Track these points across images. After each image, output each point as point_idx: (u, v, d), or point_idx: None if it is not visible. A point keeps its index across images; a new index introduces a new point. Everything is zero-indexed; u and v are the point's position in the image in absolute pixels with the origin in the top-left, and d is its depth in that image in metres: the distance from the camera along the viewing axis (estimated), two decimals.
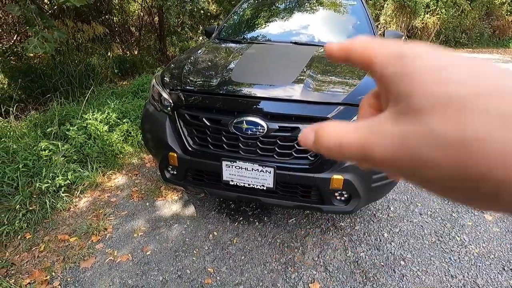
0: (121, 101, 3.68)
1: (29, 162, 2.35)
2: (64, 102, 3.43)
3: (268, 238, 2.00)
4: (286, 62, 2.09)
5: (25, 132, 2.73)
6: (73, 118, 3.01)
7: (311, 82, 1.71)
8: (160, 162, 1.91)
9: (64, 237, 1.97)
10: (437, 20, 11.59)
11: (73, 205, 2.27)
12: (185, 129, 1.78)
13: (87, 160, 2.64)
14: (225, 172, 1.70)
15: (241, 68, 1.94)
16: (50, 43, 3.04)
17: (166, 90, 1.88)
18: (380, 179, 1.66)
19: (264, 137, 1.60)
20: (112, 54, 6.22)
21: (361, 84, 1.71)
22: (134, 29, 7.84)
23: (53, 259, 1.80)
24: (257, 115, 1.58)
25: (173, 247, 1.91)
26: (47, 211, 2.13)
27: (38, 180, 2.25)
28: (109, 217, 2.17)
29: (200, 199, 2.37)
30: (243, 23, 3.00)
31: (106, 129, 2.98)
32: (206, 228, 2.08)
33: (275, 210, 2.25)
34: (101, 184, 2.52)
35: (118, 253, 1.86)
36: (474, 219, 2.21)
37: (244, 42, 2.59)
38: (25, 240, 1.92)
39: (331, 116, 1.55)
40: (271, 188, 1.67)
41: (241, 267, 1.79)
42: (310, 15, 2.93)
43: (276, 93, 1.68)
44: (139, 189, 2.50)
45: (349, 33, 2.68)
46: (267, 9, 3.10)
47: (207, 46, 2.53)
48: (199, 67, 2.09)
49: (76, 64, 4.41)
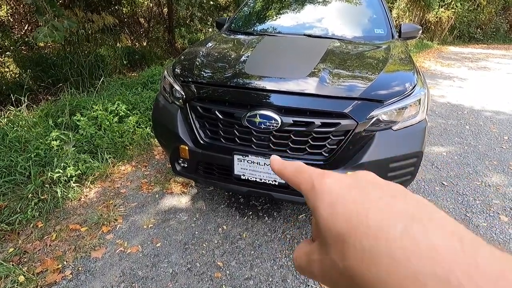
0: (131, 92, 3.68)
1: (41, 152, 2.37)
2: (75, 92, 3.44)
3: (277, 233, 1.99)
4: (301, 55, 2.04)
5: (36, 122, 2.75)
6: (84, 108, 3.02)
7: (326, 75, 1.67)
8: (171, 155, 1.90)
9: (75, 226, 1.98)
10: (451, 14, 11.28)
11: (84, 195, 2.29)
12: (197, 121, 1.76)
13: (97, 150, 2.65)
14: (237, 166, 1.68)
15: (255, 60, 1.90)
16: (60, 32, 3.04)
17: (177, 82, 1.86)
18: (395, 177, 1.62)
19: (278, 131, 1.57)
20: (121, 45, 6.21)
21: (379, 78, 1.66)
22: (143, 20, 7.81)
23: (64, 248, 1.82)
24: (271, 109, 1.55)
25: (183, 240, 1.91)
26: (58, 200, 2.14)
27: (50, 170, 2.27)
28: (119, 208, 2.18)
29: (209, 192, 2.36)
30: (255, 15, 2.95)
31: (116, 120, 2.98)
32: (216, 221, 2.07)
33: (284, 205, 2.23)
34: (111, 175, 2.53)
35: (128, 244, 1.87)
36: (489, 220, 2.15)
37: (256, 34, 2.54)
38: (37, 229, 1.94)
39: (347, 111, 1.51)
40: (282, 184, 1.65)
41: (250, 261, 1.78)
42: (324, 7, 2.85)
43: (291, 86, 1.64)
44: (149, 181, 2.50)
45: (364, 26, 2.61)
46: (278, 1, 3.04)
47: (218, 38, 2.49)
48: (211, 59, 2.05)
49: (86, 55, 4.41)
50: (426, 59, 8.54)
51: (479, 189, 2.50)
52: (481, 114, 4.24)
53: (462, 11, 11.53)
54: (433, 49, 10.54)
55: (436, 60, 8.46)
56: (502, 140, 3.44)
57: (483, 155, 3.07)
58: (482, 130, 3.68)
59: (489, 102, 4.73)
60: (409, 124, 1.61)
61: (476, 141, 3.38)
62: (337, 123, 1.52)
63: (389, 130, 1.58)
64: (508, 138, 3.49)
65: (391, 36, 2.43)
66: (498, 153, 3.11)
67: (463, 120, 4.02)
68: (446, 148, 3.20)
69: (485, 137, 3.50)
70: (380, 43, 2.31)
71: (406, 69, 1.85)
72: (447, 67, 7.42)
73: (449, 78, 6.22)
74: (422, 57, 8.70)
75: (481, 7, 12.21)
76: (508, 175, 2.72)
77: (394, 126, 1.58)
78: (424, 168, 2.78)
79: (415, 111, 1.64)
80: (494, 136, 3.52)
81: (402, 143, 1.60)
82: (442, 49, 10.74)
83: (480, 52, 9.80)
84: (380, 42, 2.33)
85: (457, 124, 3.85)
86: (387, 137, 1.57)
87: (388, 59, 1.91)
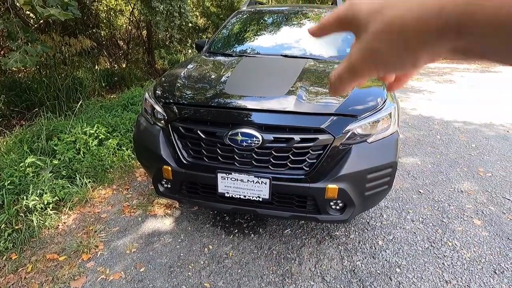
0: (111, 114, 3.63)
1: (15, 179, 2.27)
2: (51, 117, 3.36)
3: (264, 250, 1.99)
4: (278, 74, 2.13)
5: (10, 148, 2.65)
6: (61, 132, 2.95)
7: (303, 93, 1.75)
8: (154, 176, 1.89)
9: (53, 256, 1.89)
10: None
11: (62, 223, 2.20)
12: (179, 141, 1.78)
13: (76, 175, 2.57)
14: (221, 184, 1.69)
15: (234, 80, 1.97)
16: (32, 57, 2.99)
17: (159, 103, 1.88)
18: (373, 187, 1.70)
19: (259, 148, 1.61)
20: (99, 67, 6.16)
21: (352, 95, 1.76)
22: (122, 42, 7.83)
23: (41, 280, 1.73)
24: (252, 127, 1.60)
25: (168, 263, 1.87)
26: (34, 229, 2.05)
27: (25, 198, 2.18)
28: (100, 233, 2.11)
29: (193, 212, 2.34)
30: (234, 37, 3.06)
31: (96, 143, 2.92)
32: (201, 241, 2.04)
33: (270, 221, 2.24)
34: (91, 200, 2.45)
35: (110, 271, 1.80)
36: (464, 224, 2.26)
37: (235, 55, 2.63)
38: (11, 261, 1.84)
39: (324, 127, 1.58)
40: (267, 199, 1.68)
41: (238, 280, 1.76)
42: (299, 29, 3.01)
43: (270, 105, 1.71)
44: (131, 204, 2.45)
45: (338, 46, 2.77)
46: (255, 23, 3.18)
47: (198, 60, 2.56)
48: (192, 80, 2.10)
49: (63, 78, 4.35)
50: None
51: (453, 195, 2.64)
52: (451, 124, 4.51)
53: None
54: None
55: None
56: (470, 147, 3.66)
57: (454, 162, 3.25)
58: (452, 139, 3.91)
59: (457, 113, 5.05)
60: (382, 136, 1.71)
61: (447, 150, 3.58)
62: (315, 138, 1.59)
63: (364, 142, 1.66)
64: (475, 145, 3.72)
65: None
66: (468, 160, 3.31)
67: (434, 130, 4.25)
68: (420, 157, 3.37)
69: (455, 145, 3.72)
70: None
71: (377, 85, 1.98)
72: (416, 81, 7.88)
73: (419, 92, 6.61)
74: None
75: None
76: (478, 181, 2.88)
77: (368, 139, 1.67)
78: (401, 178, 2.90)
79: (387, 124, 1.74)
80: (463, 145, 3.75)
81: (377, 154, 1.68)
82: None
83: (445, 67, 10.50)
84: None
85: (429, 135, 4.07)
86: (363, 149, 1.65)
87: None
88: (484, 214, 2.39)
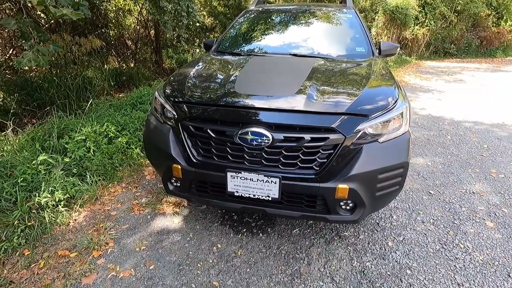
0: (120, 113, 3.67)
1: (28, 176, 2.31)
2: (62, 115, 3.41)
3: (273, 249, 1.98)
4: (288, 73, 2.12)
5: (23, 146, 2.69)
6: (72, 131, 2.99)
7: (313, 92, 1.74)
8: (164, 174, 1.90)
9: (64, 252, 1.92)
10: (426, 31, 11.93)
11: (73, 220, 2.23)
12: (189, 140, 1.78)
13: (86, 173, 2.60)
14: (230, 183, 1.69)
15: (244, 79, 1.96)
16: (44, 57, 3.03)
17: (169, 102, 1.89)
18: (384, 187, 1.68)
19: (269, 147, 1.61)
20: (108, 66, 6.23)
21: (363, 94, 1.75)
22: (130, 42, 7.90)
23: (53, 276, 1.75)
24: (262, 126, 1.59)
25: (177, 261, 1.88)
26: (46, 226, 2.08)
27: (37, 195, 2.21)
28: (110, 231, 2.13)
29: (202, 211, 2.34)
30: (242, 36, 3.05)
31: (106, 142, 2.96)
32: (210, 240, 2.05)
33: (278, 221, 2.24)
34: (101, 198, 2.48)
35: (121, 268, 1.82)
36: (476, 226, 2.22)
37: (243, 54, 2.63)
38: (24, 257, 1.87)
39: (335, 126, 1.57)
40: (276, 199, 1.67)
41: (246, 279, 1.76)
42: (307, 28, 2.99)
43: (280, 104, 1.70)
44: (140, 202, 2.47)
45: (347, 44, 2.74)
46: (264, 22, 3.17)
47: (207, 59, 2.56)
48: (201, 79, 2.11)
49: (73, 77, 4.40)
50: (406, 73, 8.93)
51: (465, 197, 2.59)
52: (461, 125, 4.44)
53: (435, 28, 12.23)
54: (412, 63, 11.05)
55: (415, 74, 8.86)
56: (482, 148, 3.59)
57: (466, 163, 3.20)
58: (463, 140, 3.85)
59: (467, 113, 4.97)
60: (393, 136, 1.69)
61: (458, 150, 3.52)
62: (326, 138, 1.57)
63: (375, 142, 1.64)
64: (487, 146, 3.65)
65: (371, 54, 2.56)
66: (479, 161, 3.25)
67: (444, 130, 4.19)
68: (431, 158, 3.32)
69: (466, 146, 3.65)
70: (361, 60, 2.43)
71: (388, 84, 1.96)
72: (426, 80, 7.77)
73: (429, 91, 6.52)
74: (402, 72, 9.10)
75: (453, 24, 13.01)
76: (490, 182, 2.83)
77: (380, 138, 1.65)
78: (411, 178, 2.87)
79: (399, 123, 1.72)
80: (474, 145, 3.68)
81: (388, 154, 1.66)
82: (420, 64, 11.27)
83: (455, 66, 10.34)
84: (362, 59, 2.46)
85: (439, 135, 4.01)
86: (374, 149, 1.63)
87: (371, 75, 2.01)
88: (497, 216, 2.34)
